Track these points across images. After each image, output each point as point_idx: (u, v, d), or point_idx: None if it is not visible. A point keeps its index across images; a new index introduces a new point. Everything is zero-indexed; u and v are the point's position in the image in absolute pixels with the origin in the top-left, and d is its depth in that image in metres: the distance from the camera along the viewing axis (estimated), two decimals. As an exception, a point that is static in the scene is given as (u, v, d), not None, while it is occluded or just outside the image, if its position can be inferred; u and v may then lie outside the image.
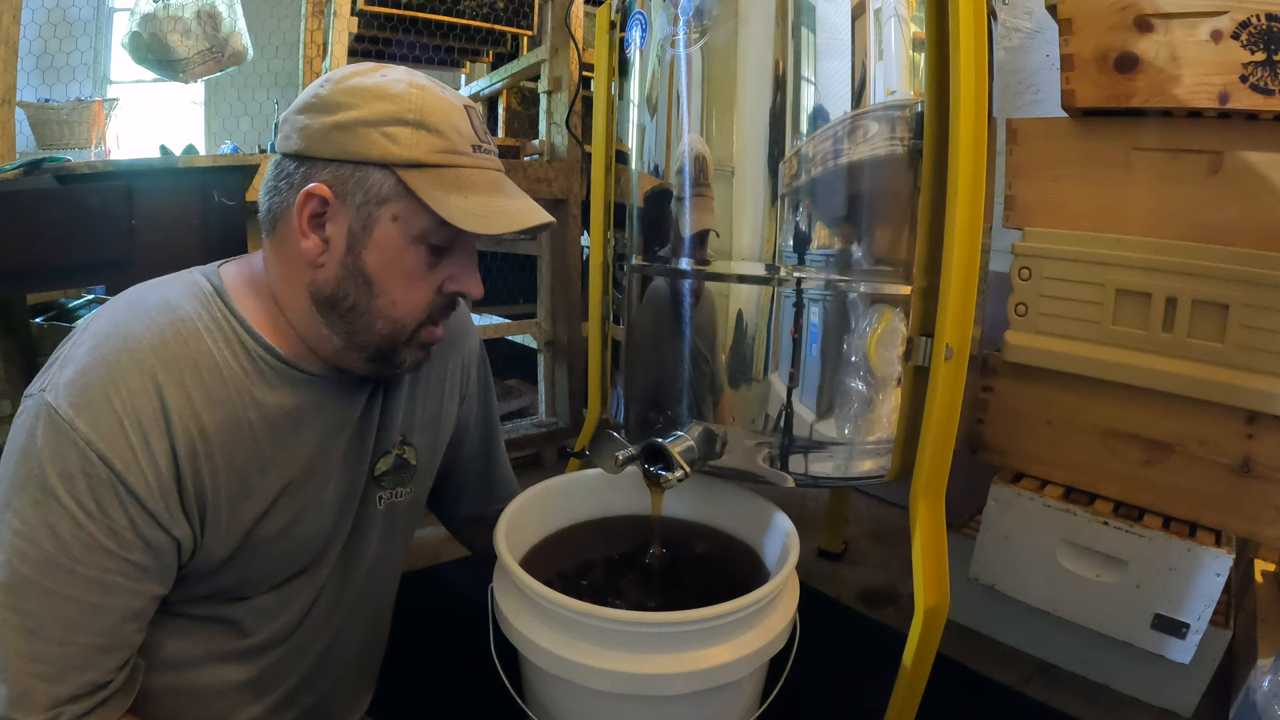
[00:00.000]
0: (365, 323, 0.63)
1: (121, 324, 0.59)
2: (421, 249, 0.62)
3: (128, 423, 0.55)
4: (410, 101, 0.59)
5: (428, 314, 0.66)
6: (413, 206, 0.60)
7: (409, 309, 0.64)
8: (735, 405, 0.83)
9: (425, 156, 0.59)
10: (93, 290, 1.85)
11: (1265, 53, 0.90)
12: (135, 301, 0.62)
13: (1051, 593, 1.07)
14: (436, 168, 0.60)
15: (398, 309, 0.63)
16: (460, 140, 0.61)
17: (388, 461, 0.74)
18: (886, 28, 0.76)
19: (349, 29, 1.69)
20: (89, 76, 2.63)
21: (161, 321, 0.59)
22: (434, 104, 0.60)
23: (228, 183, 1.19)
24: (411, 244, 0.62)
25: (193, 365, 0.59)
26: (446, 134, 0.60)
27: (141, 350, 0.57)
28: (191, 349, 0.59)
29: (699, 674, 0.63)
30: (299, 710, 0.73)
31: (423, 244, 0.62)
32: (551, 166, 1.87)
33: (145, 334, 0.58)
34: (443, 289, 0.65)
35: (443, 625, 0.96)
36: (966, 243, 0.75)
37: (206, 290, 0.63)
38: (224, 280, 0.65)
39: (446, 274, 0.65)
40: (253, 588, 0.67)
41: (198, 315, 0.61)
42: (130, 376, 0.56)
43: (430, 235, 0.61)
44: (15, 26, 1.28)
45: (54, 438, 0.54)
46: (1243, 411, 0.93)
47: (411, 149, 0.59)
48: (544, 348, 1.97)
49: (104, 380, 0.55)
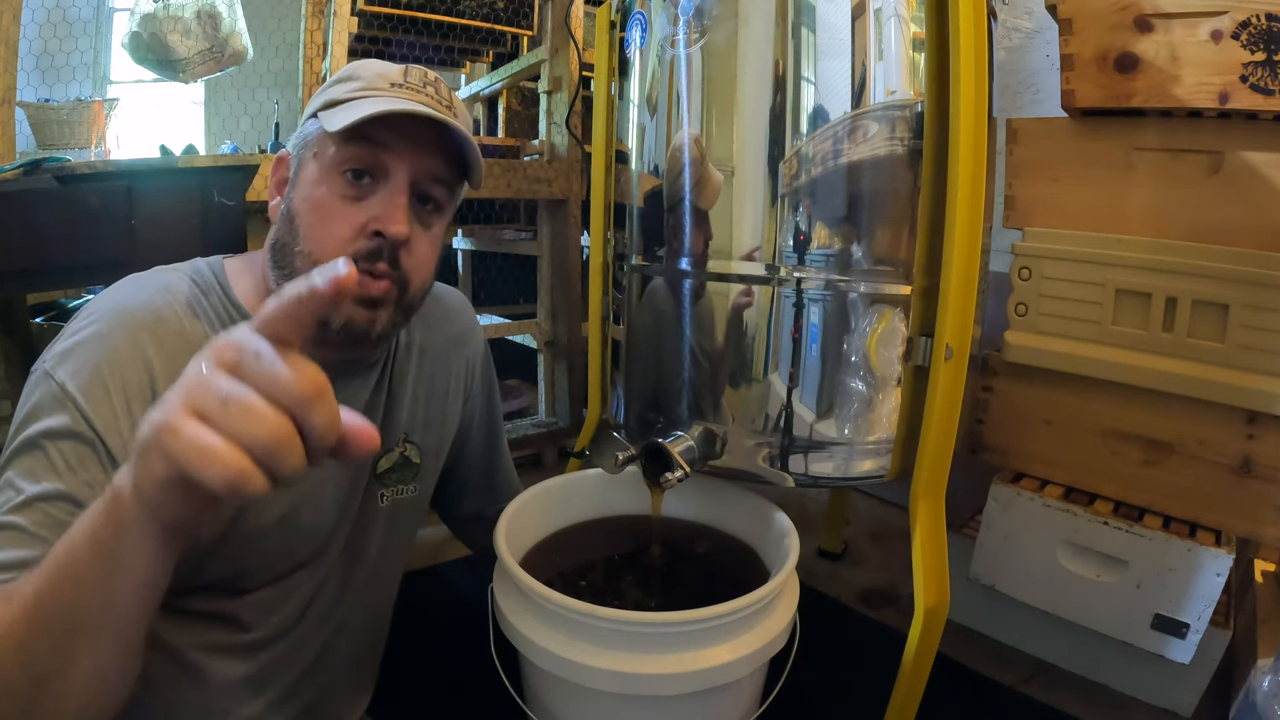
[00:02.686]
0: (290, 264, 0.63)
1: (119, 301, 0.62)
2: (336, 179, 0.63)
3: (114, 388, 0.57)
4: (351, 66, 0.66)
5: (350, 255, 0.62)
6: (324, 138, 0.63)
7: (326, 246, 0.62)
8: (735, 405, 0.83)
9: (340, 95, 0.64)
10: (93, 290, 1.85)
11: (1265, 53, 0.90)
12: (136, 282, 0.64)
13: (1051, 593, 1.07)
14: (346, 102, 0.63)
15: (314, 244, 0.63)
16: (379, 81, 0.64)
17: (390, 459, 0.75)
18: (886, 28, 0.76)
19: (349, 29, 1.69)
20: (89, 76, 2.63)
21: (158, 300, 0.62)
22: (370, 65, 0.66)
23: (228, 183, 1.19)
24: (327, 175, 0.63)
25: (185, 344, 0.60)
26: (367, 79, 0.65)
27: (135, 324, 0.59)
28: (185, 328, 0.61)
29: (699, 674, 0.63)
30: (299, 706, 0.73)
31: (336, 173, 0.63)
32: (551, 166, 1.87)
33: (140, 310, 0.61)
34: (365, 229, 0.63)
35: (443, 625, 0.96)
36: (966, 243, 0.75)
37: (206, 275, 0.66)
38: (225, 267, 0.68)
39: (369, 214, 0.63)
40: (250, 579, 0.67)
41: (194, 296, 0.64)
42: (122, 348, 0.58)
43: (340, 162, 0.63)
44: (15, 26, 1.28)
45: (48, 401, 0.57)
46: (1243, 411, 0.93)
47: (332, 94, 0.64)
48: (544, 348, 1.97)
49: (95, 349, 0.58)
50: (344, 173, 0.63)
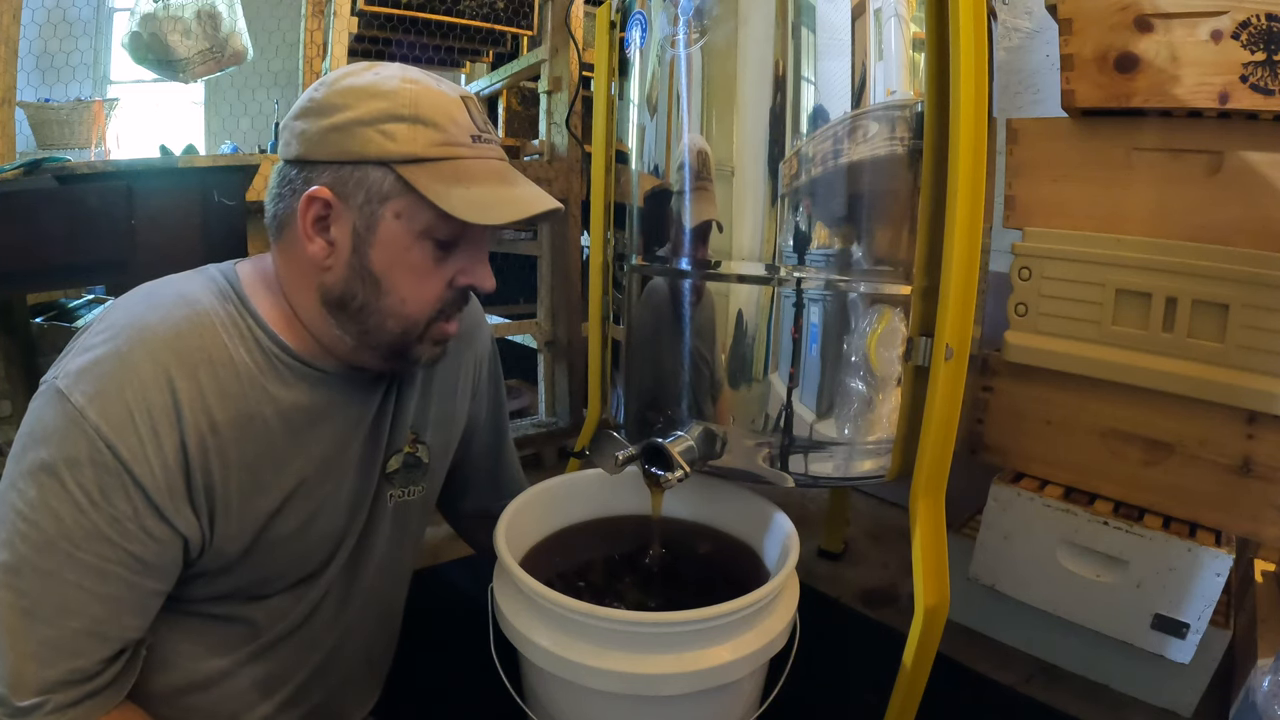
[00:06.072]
0: (376, 322, 0.63)
1: (137, 315, 0.59)
2: (427, 244, 0.62)
3: (138, 414, 0.55)
4: (404, 97, 0.59)
5: (439, 309, 0.65)
6: (414, 202, 0.59)
7: (419, 306, 0.63)
8: (735, 405, 0.83)
9: (423, 150, 0.59)
10: (93, 290, 1.85)
11: (1265, 53, 0.90)
12: (152, 294, 0.62)
13: (1051, 593, 1.07)
14: (435, 161, 0.60)
15: (407, 306, 0.63)
16: (458, 131, 0.61)
17: (399, 460, 0.74)
18: (886, 28, 0.76)
19: (349, 29, 1.70)
20: (89, 76, 2.63)
21: (177, 314, 0.59)
22: (429, 98, 0.60)
23: (228, 183, 1.19)
24: (417, 240, 0.61)
25: (207, 359, 0.59)
26: (443, 126, 0.60)
27: (156, 342, 0.57)
28: (206, 343, 0.59)
29: (699, 674, 0.63)
30: (307, 707, 0.73)
31: (428, 239, 0.61)
32: (551, 166, 1.87)
33: (160, 326, 0.58)
34: (453, 283, 0.65)
35: (443, 625, 0.96)
36: (966, 243, 0.75)
37: (223, 286, 0.64)
38: (240, 277, 0.65)
39: (456, 268, 0.64)
40: (270, 586, 0.67)
41: (213, 310, 0.61)
42: (143, 367, 0.56)
43: (435, 230, 0.61)
44: (15, 26, 1.28)
45: (63, 424, 0.54)
46: (1243, 411, 0.93)
47: (408, 144, 0.59)
48: (544, 348, 1.97)
49: (117, 370, 0.55)
50: (435, 239, 0.62)
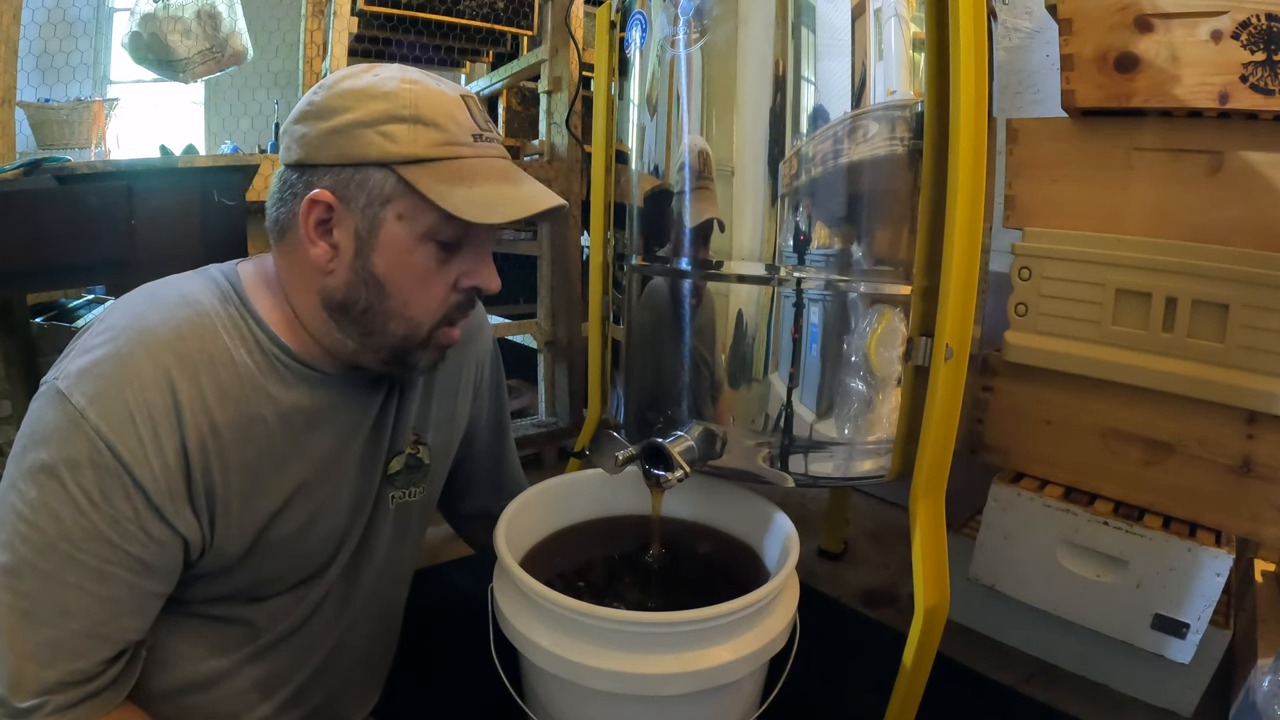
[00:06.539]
0: (379, 325, 0.63)
1: (138, 316, 0.59)
2: (431, 246, 0.61)
3: (138, 415, 0.55)
4: (404, 98, 0.58)
5: (444, 313, 0.65)
6: (417, 203, 0.59)
7: (423, 308, 0.63)
8: (735, 405, 0.83)
9: (424, 151, 0.59)
10: (93, 290, 1.85)
11: (1265, 53, 0.90)
12: (153, 295, 0.62)
13: (1051, 593, 1.07)
14: (437, 161, 0.59)
15: (411, 309, 0.63)
16: (459, 131, 0.60)
17: (400, 461, 0.74)
18: (886, 28, 0.76)
19: (349, 29, 1.70)
20: (89, 76, 2.63)
21: (178, 315, 0.59)
22: (429, 98, 0.59)
23: (228, 183, 1.19)
24: (420, 242, 0.61)
25: (208, 360, 0.59)
26: (444, 126, 0.59)
27: (156, 343, 0.57)
28: (207, 344, 0.59)
29: (699, 674, 0.63)
30: (308, 708, 0.73)
31: (431, 241, 0.61)
32: (551, 166, 1.87)
33: (161, 327, 0.58)
34: (458, 285, 0.64)
35: (443, 625, 0.96)
36: (966, 243, 0.75)
37: (224, 287, 0.63)
38: (241, 278, 0.65)
39: (460, 269, 0.64)
40: (270, 587, 0.67)
41: (214, 311, 0.61)
42: (144, 369, 0.56)
43: (438, 231, 0.61)
44: (15, 26, 1.28)
45: (64, 425, 0.54)
46: (1243, 411, 0.93)
47: (409, 145, 0.58)
48: (544, 348, 1.97)
49: (117, 371, 0.55)
50: (438, 240, 0.61)
